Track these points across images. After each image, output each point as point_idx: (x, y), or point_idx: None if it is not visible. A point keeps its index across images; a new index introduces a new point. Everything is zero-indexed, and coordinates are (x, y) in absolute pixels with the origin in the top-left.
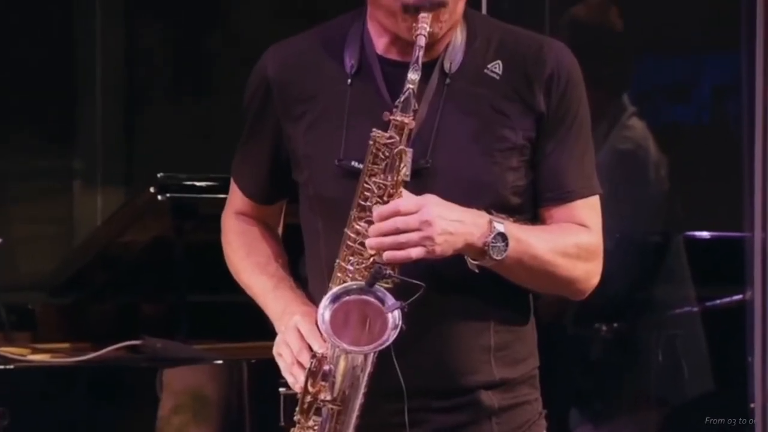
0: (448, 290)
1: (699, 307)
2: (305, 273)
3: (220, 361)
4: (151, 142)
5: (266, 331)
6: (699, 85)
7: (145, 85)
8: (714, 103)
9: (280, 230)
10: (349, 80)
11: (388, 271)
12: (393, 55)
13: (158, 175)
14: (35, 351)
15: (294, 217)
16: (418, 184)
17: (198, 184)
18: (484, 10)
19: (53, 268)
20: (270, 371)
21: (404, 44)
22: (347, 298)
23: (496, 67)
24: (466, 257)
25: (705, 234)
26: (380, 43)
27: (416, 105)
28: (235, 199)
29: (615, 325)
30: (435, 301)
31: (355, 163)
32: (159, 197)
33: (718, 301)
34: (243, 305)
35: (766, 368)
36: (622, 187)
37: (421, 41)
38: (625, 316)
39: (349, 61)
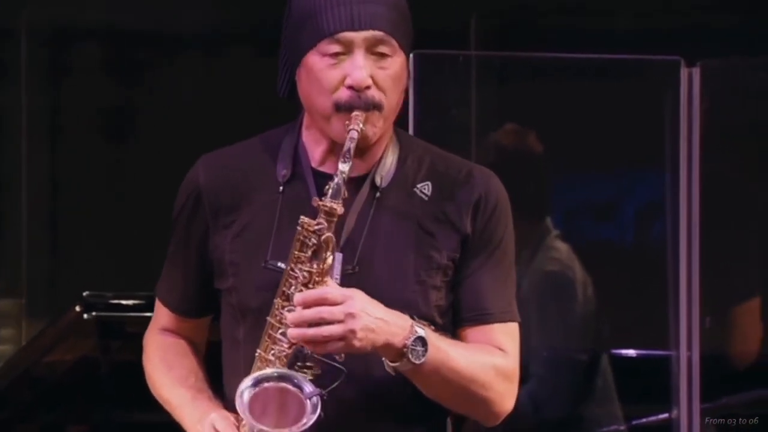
0: (368, 408)
1: (625, 426)
2: None
3: None
4: (76, 262)
5: None
6: (622, 204)
7: (70, 207)
8: (638, 223)
9: (203, 347)
10: (281, 188)
11: (308, 352)
12: (327, 168)
13: (84, 294)
14: None
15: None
16: None
17: (124, 302)
18: (410, 129)
19: None
20: None
21: (338, 157)
22: (267, 384)
23: (425, 188)
24: (384, 360)
25: (631, 352)
26: (315, 155)
27: (346, 193)
28: (160, 316)
29: None
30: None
31: (281, 264)
32: (85, 316)
33: (644, 420)
34: (170, 425)
35: None
36: (551, 307)
37: (354, 135)
38: None
39: (282, 171)
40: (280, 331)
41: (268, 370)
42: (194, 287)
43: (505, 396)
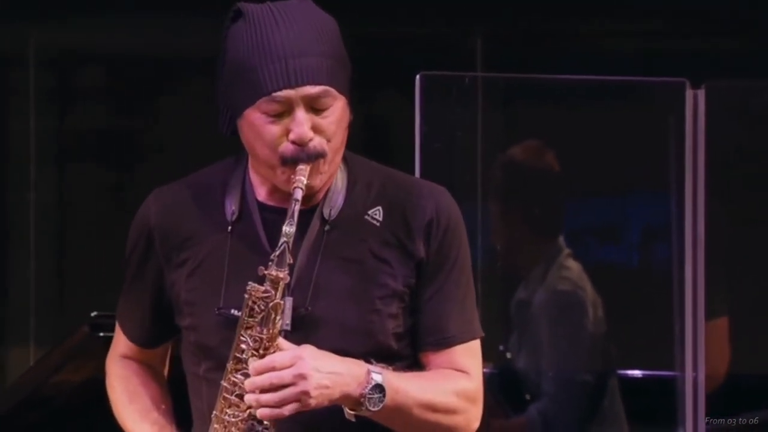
0: None
1: None
2: None
3: None
4: (84, 284)
5: None
6: (628, 226)
7: (78, 229)
8: (643, 244)
9: (166, 371)
10: (230, 227)
11: (261, 428)
12: (274, 202)
13: (92, 314)
14: None
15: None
16: (300, 332)
17: None
18: (416, 151)
19: None
20: None
21: (285, 193)
22: None
23: (376, 214)
24: (343, 407)
25: (637, 372)
26: (261, 191)
27: (291, 259)
28: (120, 342)
29: None
30: None
31: (234, 312)
32: (92, 336)
33: None
34: None
35: None
36: (561, 327)
37: (298, 194)
38: None
39: (230, 208)
40: (234, 393)
41: None
42: (149, 320)
43: (470, 419)
